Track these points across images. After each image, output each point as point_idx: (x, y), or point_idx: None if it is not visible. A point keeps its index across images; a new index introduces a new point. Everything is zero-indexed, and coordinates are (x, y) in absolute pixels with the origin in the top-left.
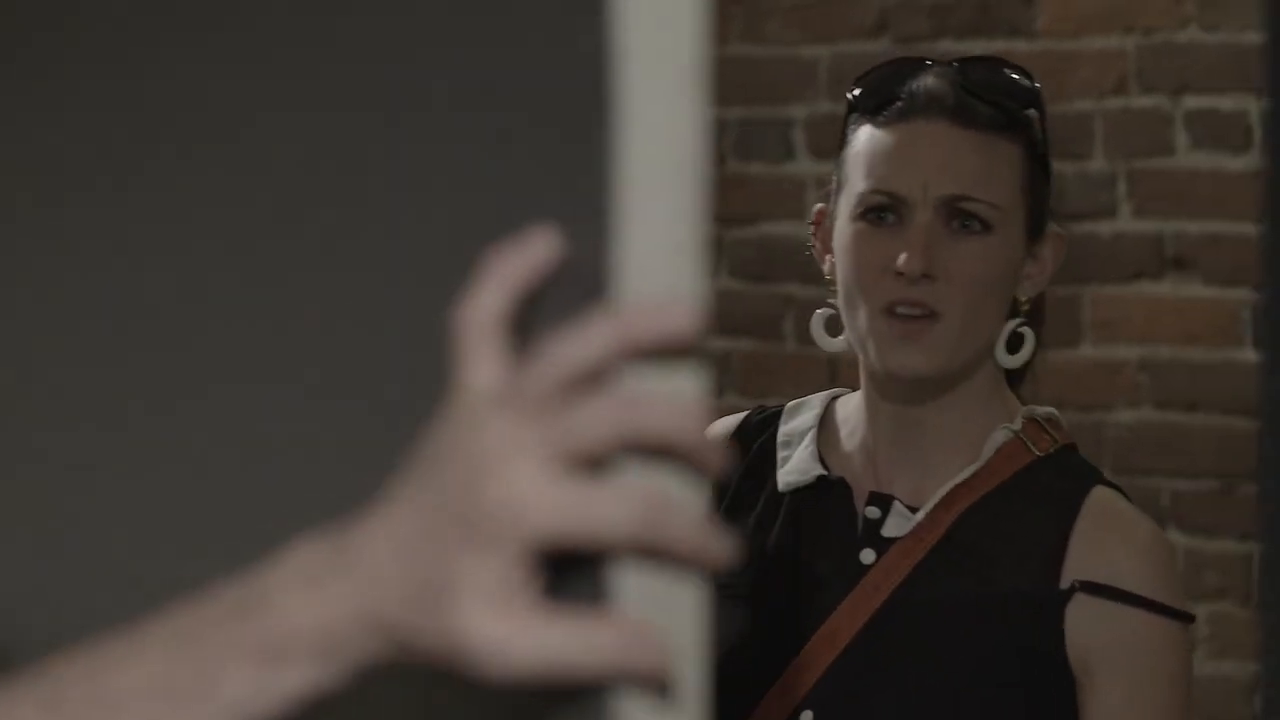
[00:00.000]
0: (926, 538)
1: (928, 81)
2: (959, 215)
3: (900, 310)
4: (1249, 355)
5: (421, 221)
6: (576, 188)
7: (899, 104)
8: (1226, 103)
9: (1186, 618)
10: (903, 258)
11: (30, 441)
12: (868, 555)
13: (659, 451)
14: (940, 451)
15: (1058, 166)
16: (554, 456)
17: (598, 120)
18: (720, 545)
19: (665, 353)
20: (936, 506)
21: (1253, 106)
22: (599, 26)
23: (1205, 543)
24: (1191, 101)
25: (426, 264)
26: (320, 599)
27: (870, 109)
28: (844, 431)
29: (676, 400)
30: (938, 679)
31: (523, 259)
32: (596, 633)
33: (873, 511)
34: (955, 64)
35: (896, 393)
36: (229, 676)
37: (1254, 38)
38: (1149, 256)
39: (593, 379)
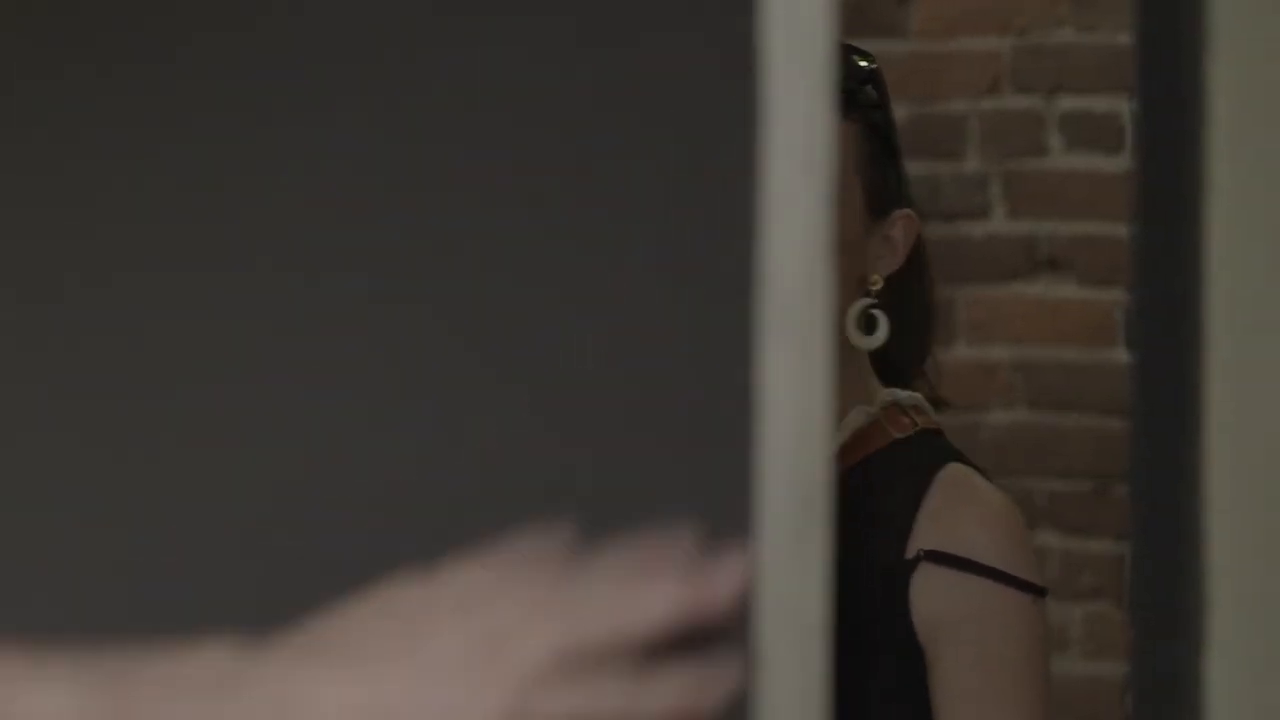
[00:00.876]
0: None
1: None
2: None
3: None
4: (1122, 356)
5: (568, 226)
6: (721, 191)
7: None
8: (1100, 104)
9: (1038, 590)
10: None
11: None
12: None
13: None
14: None
15: (931, 167)
16: None
17: (742, 127)
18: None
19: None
20: None
21: (1126, 108)
22: (745, 36)
23: (1081, 543)
24: (1065, 102)
25: (574, 268)
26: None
27: None
28: None
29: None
30: None
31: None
32: None
33: None
34: None
35: None
36: None
37: (1128, 39)
38: (1022, 257)
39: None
